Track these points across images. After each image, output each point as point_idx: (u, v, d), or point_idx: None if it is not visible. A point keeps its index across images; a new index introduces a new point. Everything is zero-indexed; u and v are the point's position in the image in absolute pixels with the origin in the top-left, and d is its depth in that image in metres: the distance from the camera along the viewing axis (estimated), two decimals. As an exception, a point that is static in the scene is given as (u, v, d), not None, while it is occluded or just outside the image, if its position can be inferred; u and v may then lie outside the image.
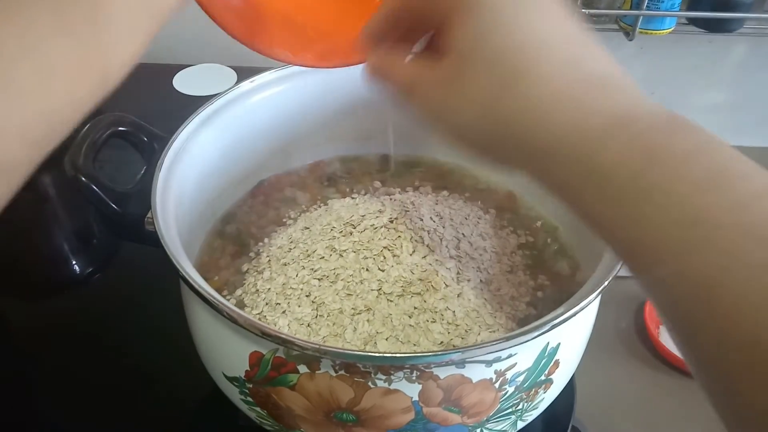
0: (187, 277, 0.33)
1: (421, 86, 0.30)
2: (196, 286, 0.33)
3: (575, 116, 0.25)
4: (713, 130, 0.79)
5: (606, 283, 0.34)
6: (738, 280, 0.21)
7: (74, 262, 0.63)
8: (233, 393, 0.38)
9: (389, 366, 0.32)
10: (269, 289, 0.43)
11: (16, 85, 0.22)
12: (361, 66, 0.35)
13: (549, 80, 0.26)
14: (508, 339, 0.31)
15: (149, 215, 0.39)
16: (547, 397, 0.39)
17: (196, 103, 0.47)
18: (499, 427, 0.38)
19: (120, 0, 0.25)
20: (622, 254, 0.25)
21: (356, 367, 0.33)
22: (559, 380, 0.38)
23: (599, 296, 0.35)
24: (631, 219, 0.23)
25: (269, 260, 0.46)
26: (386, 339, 0.38)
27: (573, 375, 0.42)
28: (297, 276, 0.42)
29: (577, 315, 0.33)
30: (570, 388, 0.45)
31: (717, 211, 0.22)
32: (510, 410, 0.36)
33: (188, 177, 0.43)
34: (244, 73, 0.77)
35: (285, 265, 0.44)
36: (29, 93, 0.23)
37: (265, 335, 0.32)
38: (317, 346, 0.31)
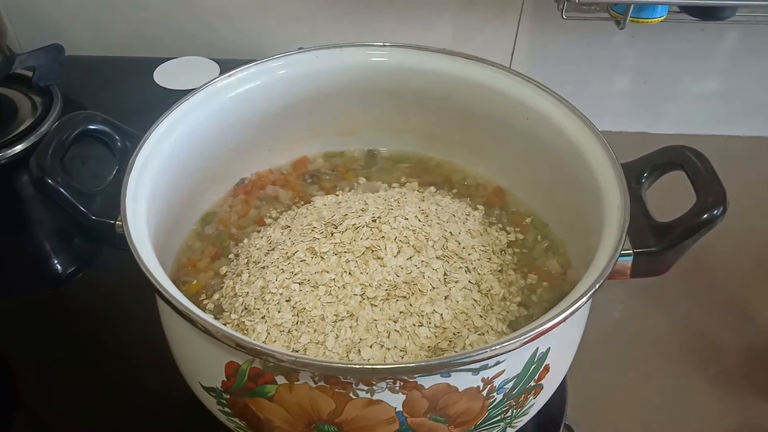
0: (157, 286, 0.32)
1: None
2: (167, 296, 0.31)
3: None
4: (705, 119, 0.78)
5: (597, 286, 0.32)
6: None
7: (56, 262, 0.61)
8: (211, 403, 0.37)
9: (369, 377, 0.31)
10: (247, 293, 0.41)
11: None
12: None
13: None
14: (494, 347, 0.30)
15: (120, 219, 0.37)
16: (537, 403, 0.37)
17: (177, 97, 0.45)
18: (487, 435, 0.36)
19: None
20: None
21: (336, 378, 0.31)
22: (550, 385, 0.37)
23: (590, 299, 0.33)
24: None
25: (247, 262, 0.44)
26: (370, 346, 0.37)
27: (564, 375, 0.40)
28: (276, 280, 0.41)
29: (567, 319, 0.32)
30: (562, 387, 0.44)
31: None
32: (498, 418, 0.35)
33: (163, 177, 0.42)
34: (227, 66, 0.75)
35: (264, 268, 0.42)
36: None
37: (239, 347, 0.30)
38: (294, 358, 0.29)
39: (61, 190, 0.37)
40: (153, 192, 0.40)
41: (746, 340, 0.56)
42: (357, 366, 0.30)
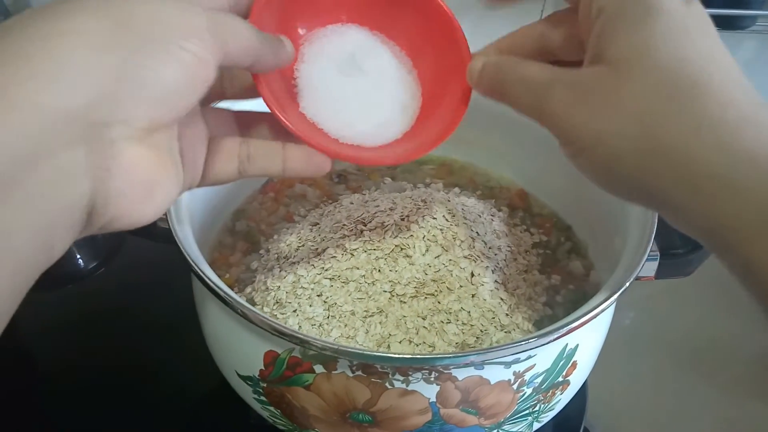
0: (204, 276, 0.33)
1: (555, 97, 0.26)
2: (215, 288, 0.32)
3: (757, 143, 0.22)
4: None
5: (627, 285, 0.33)
6: None
7: (78, 256, 0.63)
8: (246, 392, 0.38)
9: (408, 367, 0.32)
10: (279, 287, 0.42)
11: None
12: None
13: (732, 99, 0.23)
14: (529, 340, 0.31)
15: (161, 212, 0.38)
16: (563, 398, 0.38)
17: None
18: (515, 429, 0.37)
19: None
20: None
21: (374, 368, 0.32)
22: (576, 381, 0.38)
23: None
24: None
25: (278, 258, 0.45)
26: (399, 342, 0.38)
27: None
28: (308, 275, 0.42)
29: (597, 317, 0.33)
30: (582, 390, 0.44)
31: None
32: (527, 411, 0.36)
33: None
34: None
35: (294, 263, 0.43)
36: None
37: (282, 335, 0.31)
38: (336, 347, 0.31)
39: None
40: (192, 187, 0.41)
41: (760, 346, 0.56)
42: (398, 355, 0.31)
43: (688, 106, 0.23)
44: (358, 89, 0.34)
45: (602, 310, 0.32)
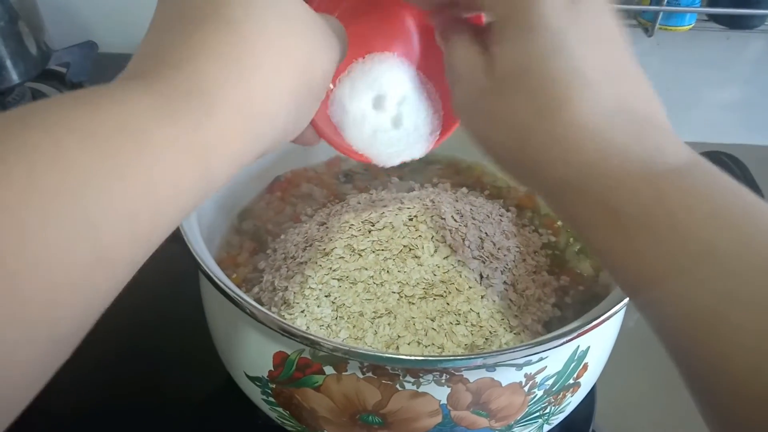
0: (213, 276, 0.33)
1: (461, 91, 0.30)
2: (225, 288, 0.32)
3: (597, 155, 0.25)
4: (728, 127, 0.78)
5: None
6: (738, 313, 0.21)
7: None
8: (254, 392, 0.38)
9: (419, 369, 0.31)
10: (287, 287, 0.42)
11: (119, 170, 0.19)
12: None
13: (582, 116, 0.26)
14: (542, 342, 0.30)
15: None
16: (574, 401, 0.38)
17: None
18: (525, 431, 0.37)
19: (231, 100, 0.23)
20: (626, 285, 0.26)
21: (384, 369, 0.32)
22: (587, 383, 0.38)
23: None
24: (635, 252, 0.24)
25: (285, 258, 0.45)
26: (408, 343, 0.38)
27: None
28: (316, 275, 0.41)
29: (610, 319, 0.32)
30: (591, 392, 0.44)
31: (722, 246, 0.22)
32: (537, 414, 0.36)
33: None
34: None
35: (302, 263, 0.43)
36: (135, 179, 0.19)
37: (292, 336, 0.31)
38: (347, 348, 0.30)
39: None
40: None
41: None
42: (410, 357, 0.30)
43: (547, 125, 0.26)
44: (382, 123, 0.38)
45: (616, 312, 0.32)
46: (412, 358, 0.30)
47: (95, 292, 0.19)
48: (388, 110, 0.38)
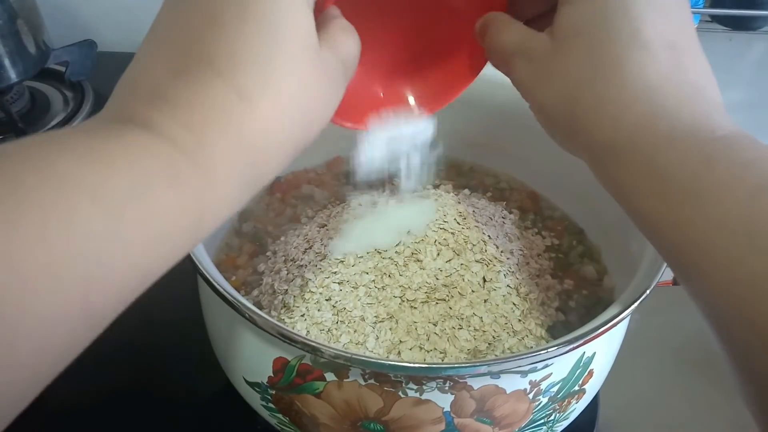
0: (211, 280, 0.32)
1: (522, 54, 0.30)
2: (224, 293, 0.32)
3: (647, 117, 0.26)
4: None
5: (647, 293, 0.33)
6: None
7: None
8: (254, 398, 0.37)
9: (422, 376, 0.31)
10: (287, 290, 0.41)
11: (122, 232, 0.19)
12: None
13: (635, 78, 0.26)
14: (549, 349, 0.30)
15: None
16: (578, 407, 0.37)
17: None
18: (529, 438, 0.36)
19: (225, 150, 0.22)
20: (668, 253, 0.26)
21: (387, 376, 0.31)
22: (591, 390, 0.37)
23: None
24: (683, 219, 0.24)
25: (285, 260, 0.44)
26: (410, 348, 0.37)
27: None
28: (316, 279, 0.41)
29: (617, 325, 0.32)
30: (594, 398, 0.44)
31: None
32: (542, 421, 0.35)
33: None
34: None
35: (302, 266, 0.42)
36: (131, 240, 0.19)
37: (293, 342, 0.30)
38: (349, 355, 0.30)
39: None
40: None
41: None
42: (414, 365, 0.30)
43: (600, 84, 0.27)
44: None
45: (623, 318, 0.32)
46: (416, 365, 0.30)
47: (76, 343, 0.20)
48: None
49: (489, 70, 0.49)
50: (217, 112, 0.22)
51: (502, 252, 0.43)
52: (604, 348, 0.36)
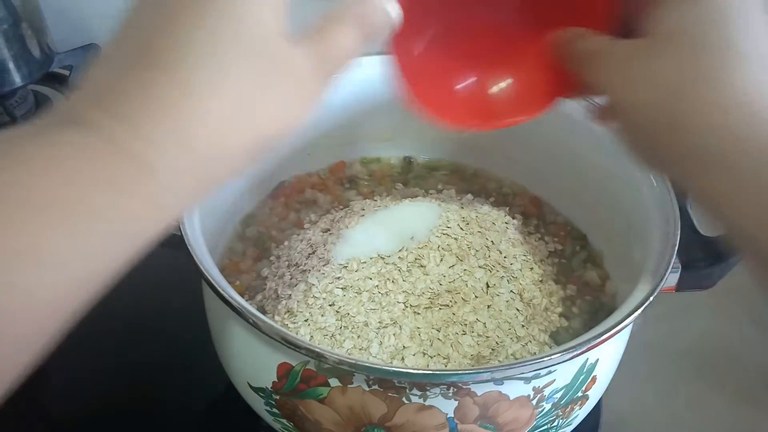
0: (217, 287, 0.32)
1: (609, 54, 0.29)
2: (229, 299, 0.32)
3: (747, 127, 0.25)
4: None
5: (651, 299, 0.33)
6: None
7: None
8: (258, 403, 0.37)
9: (426, 382, 0.31)
10: (290, 295, 0.41)
11: (53, 246, 0.19)
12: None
13: (736, 86, 0.26)
14: (553, 356, 0.30)
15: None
16: (581, 413, 0.37)
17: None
18: (532, 444, 0.36)
19: (165, 146, 0.21)
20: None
21: (391, 382, 0.31)
22: (594, 395, 0.37)
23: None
24: None
25: (288, 265, 0.44)
26: (413, 354, 0.37)
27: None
28: (320, 284, 0.41)
29: (620, 332, 0.32)
30: (596, 406, 0.44)
31: None
32: (545, 427, 0.35)
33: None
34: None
35: (305, 271, 0.42)
36: (67, 256, 0.19)
37: (297, 348, 0.31)
38: (353, 361, 0.30)
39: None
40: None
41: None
42: (418, 371, 0.30)
43: (701, 90, 0.26)
44: None
45: (627, 324, 0.32)
46: (420, 371, 0.30)
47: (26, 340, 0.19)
48: None
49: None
50: (156, 105, 0.21)
51: (505, 257, 0.43)
52: (607, 354, 0.36)
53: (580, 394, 0.35)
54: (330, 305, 0.40)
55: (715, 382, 0.53)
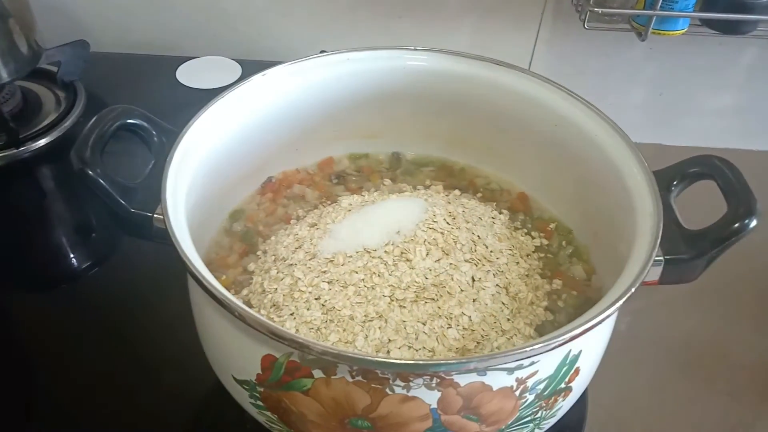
0: (200, 277, 0.32)
1: None
2: (213, 290, 0.32)
3: None
4: (721, 132, 0.78)
5: (633, 290, 0.33)
6: None
7: (72, 256, 0.62)
8: (242, 396, 0.37)
9: (409, 373, 0.31)
10: (276, 289, 0.41)
11: None
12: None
13: None
14: (534, 346, 0.30)
15: (158, 211, 0.37)
16: (565, 405, 0.38)
17: (200, 95, 0.46)
18: (516, 436, 0.37)
19: None
20: None
21: (374, 373, 0.32)
22: (578, 388, 0.38)
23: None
24: None
25: (275, 260, 0.44)
26: (399, 347, 0.37)
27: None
28: (305, 278, 0.41)
29: (602, 323, 0.32)
30: (582, 396, 0.44)
31: None
32: (529, 418, 0.36)
33: (197, 172, 0.42)
34: (248, 66, 0.76)
35: (291, 265, 0.43)
36: None
37: (281, 339, 0.31)
38: (336, 351, 0.30)
39: (101, 181, 0.38)
40: (190, 188, 0.40)
41: (760, 351, 0.56)
42: (401, 361, 0.30)
43: None
44: None
45: (608, 316, 0.32)
46: (403, 362, 0.30)
47: None
48: None
49: (478, 71, 0.50)
50: None
51: (491, 252, 0.44)
52: (590, 346, 0.36)
53: (563, 385, 0.35)
54: (316, 299, 0.40)
55: (703, 377, 0.54)
